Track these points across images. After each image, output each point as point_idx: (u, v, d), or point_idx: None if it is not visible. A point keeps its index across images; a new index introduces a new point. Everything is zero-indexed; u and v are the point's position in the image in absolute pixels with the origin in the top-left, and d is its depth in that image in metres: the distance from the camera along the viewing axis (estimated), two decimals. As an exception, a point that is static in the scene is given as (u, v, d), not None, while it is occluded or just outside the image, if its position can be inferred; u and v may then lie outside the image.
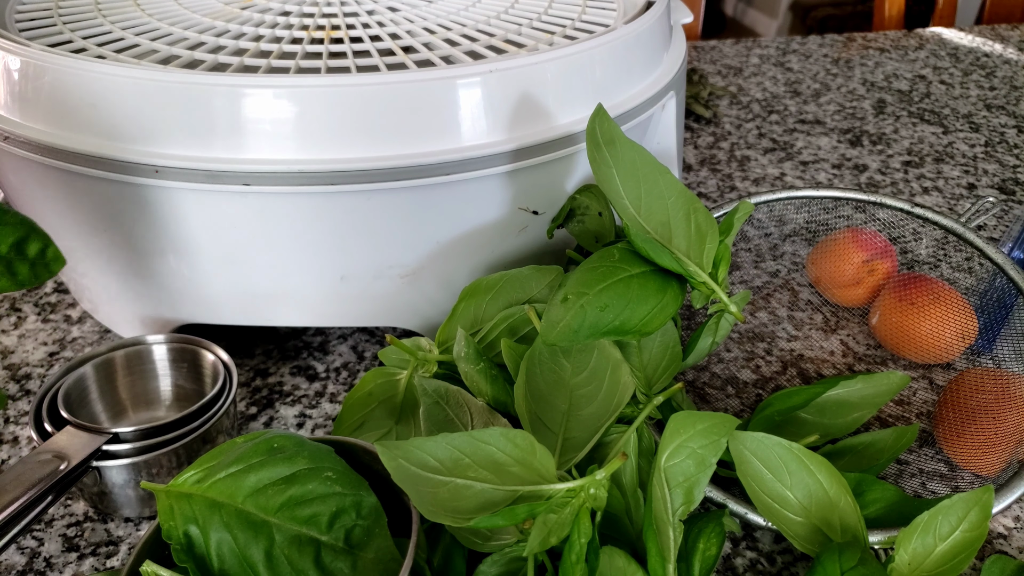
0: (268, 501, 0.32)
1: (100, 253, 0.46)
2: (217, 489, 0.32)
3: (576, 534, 0.32)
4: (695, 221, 0.39)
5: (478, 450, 0.32)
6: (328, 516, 0.32)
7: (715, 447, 0.34)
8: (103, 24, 0.49)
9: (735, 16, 3.46)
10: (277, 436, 0.34)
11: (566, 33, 0.50)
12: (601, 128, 0.39)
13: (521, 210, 0.46)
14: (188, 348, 0.46)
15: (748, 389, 0.50)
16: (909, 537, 0.35)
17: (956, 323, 0.49)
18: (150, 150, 0.40)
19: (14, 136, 0.41)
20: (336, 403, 0.49)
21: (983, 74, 0.99)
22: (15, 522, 0.35)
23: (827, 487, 0.36)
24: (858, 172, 0.76)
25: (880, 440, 0.43)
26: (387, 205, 0.42)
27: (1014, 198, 0.72)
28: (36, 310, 0.57)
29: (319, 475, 0.33)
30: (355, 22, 0.51)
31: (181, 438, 0.40)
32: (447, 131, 0.41)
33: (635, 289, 0.38)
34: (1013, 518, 0.43)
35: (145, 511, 0.41)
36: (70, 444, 0.38)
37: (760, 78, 0.97)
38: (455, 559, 0.36)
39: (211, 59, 0.44)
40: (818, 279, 0.57)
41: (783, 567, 0.40)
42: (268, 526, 0.31)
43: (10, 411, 0.49)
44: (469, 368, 0.40)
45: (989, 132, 0.84)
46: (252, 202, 0.41)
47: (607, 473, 0.33)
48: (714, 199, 0.72)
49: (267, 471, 0.32)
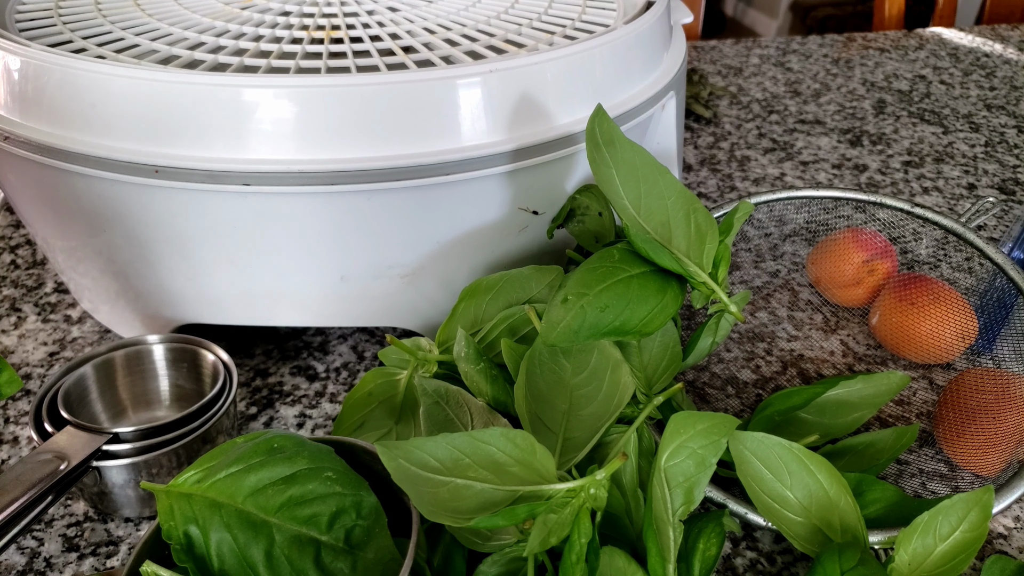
0: (268, 501, 0.32)
1: (100, 253, 0.46)
2: (217, 489, 0.32)
3: (576, 534, 0.32)
4: (695, 221, 0.39)
5: (478, 450, 0.32)
6: (328, 516, 0.32)
7: (715, 447, 0.34)
8: (103, 24, 0.49)
9: (735, 16, 3.46)
10: (277, 436, 0.34)
11: (566, 33, 0.50)
12: (600, 128, 0.39)
13: (521, 210, 0.46)
14: (188, 348, 0.46)
15: (748, 389, 0.50)
16: (909, 537, 0.35)
17: (956, 323, 0.49)
18: (150, 150, 0.40)
19: (14, 136, 0.41)
20: (336, 403, 0.49)
21: (983, 74, 0.99)
22: (15, 522, 0.35)
23: (827, 487, 0.36)
24: (858, 172, 0.76)
25: (880, 440, 0.43)
26: (387, 205, 0.42)
27: (1014, 198, 0.72)
28: (36, 310, 0.57)
29: (319, 475, 0.33)
30: (355, 22, 0.51)
31: (181, 438, 0.40)
32: (447, 131, 0.41)
33: (635, 289, 0.38)
34: (1013, 518, 0.43)
35: (145, 511, 0.41)
36: (70, 444, 0.38)
37: (760, 78, 0.97)
38: (455, 559, 0.36)
39: (211, 59, 0.44)
40: (818, 279, 0.57)
41: (783, 567, 0.40)
42: (268, 526, 0.31)
43: (10, 411, 0.49)
44: (469, 368, 0.40)
45: (989, 132, 0.84)
46: (252, 202, 0.41)
47: (607, 473, 0.33)
48: (714, 199, 0.72)
49: (267, 471, 0.32)
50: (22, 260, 0.62)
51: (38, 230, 0.48)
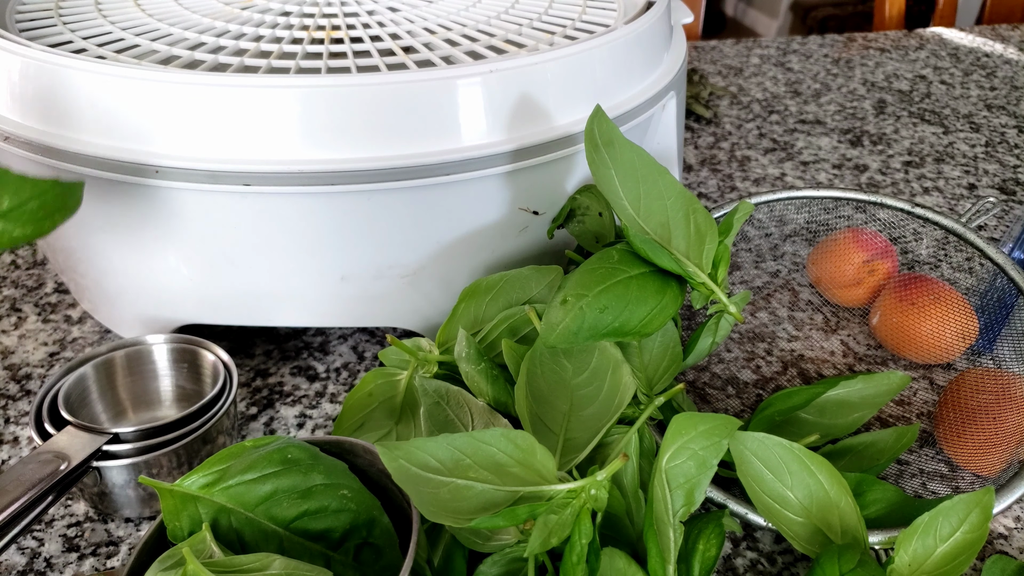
0: (282, 512, 0.32)
1: (100, 253, 0.46)
2: (228, 495, 0.32)
3: (577, 535, 0.32)
4: (694, 222, 0.39)
5: (479, 451, 0.32)
6: (340, 533, 0.32)
7: (717, 449, 0.34)
8: (103, 24, 0.49)
9: (735, 16, 3.46)
10: (291, 446, 0.34)
11: (566, 33, 0.50)
12: (600, 129, 0.39)
13: (521, 210, 0.46)
14: (188, 348, 0.46)
15: (748, 389, 0.50)
16: (909, 538, 0.35)
17: (956, 323, 0.49)
18: (150, 150, 0.40)
19: (14, 136, 0.41)
20: (336, 403, 0.49)
21: (983, 74, 0.98)
22: (15, 522, 0.35)
23: (827, 487, 0.36)
24: (858, 172, 0.76)
25: (880, 440, 0.43)
26: (387, 205, 0.42)
27: (1014, 198, 0.72)
28: (36, 310, 0.57)
29: (335, 492, 0.33)
30: (355, 22, 0.51)
31: (181, 438, 0.40)
32: (447, 131, 0.41)
33: (634, 290, 0.38)
34: (1013, 518, 0.43)
35: (145, 511, 0.41)
36: (70, 444, 0.38)
37: (760, 78, 0.97)
38: (455, 559, 0.36)
39: (211, 59, 0.44)
40: (818, 279, 0.57)
41: (783, 567, 0.40)
42: (277, 536, 0.32)
43: (10, 411, 0.49)
44: (470, 368, 0.40)
45: (989, 132, 0.84)
46: (252, 202, 0.41)
47: (608, 474, 0.33)
48: (714, 199, 0.72)
49: (281, 482, 0.32)
50: (22, 260, 0.62)
51: (38, 230, 0.48)
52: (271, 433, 0.48)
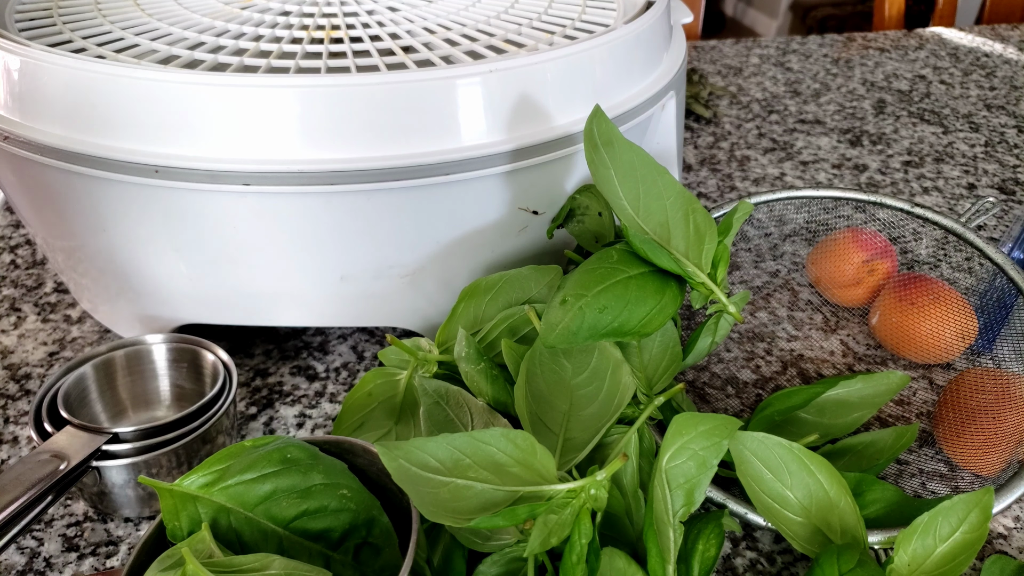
0: (281, 512, 0.32)
1: (100, 253, 0.46)
2: (227, 494, 0.32)
3: (577, 535, 0.32)
4: (694, 221, 0.39)
5: (479, 450, 0.32)
6: (340, 532, 0.32)
7: (717, 449, 0.34)
8: (103, 24, 0.49)
9: (735, 16, 3.46)
10: (290, 445, 0.34)
11: (566, 33, 0.50)
12: (599, 129, 0.39)
13: (521, 210, 0.46)
14: (188, 348, 0.46)
15: (748, 389, 0.50)
16: (909, 538, 0.35)
17: (956, 323, 0.49)
18: (150, 150, 0.40)
19: (14, 136, 0.41)
20: (336, 403, 0.49)
21: (983, 74, 0.98)
22: (15, 522, 0.35)
23: (827, 487, 0.36)
24: (858, 172, 0.76)
25: (880, 440, 0.43)
26: (387, 205, 0.42)
27: (1014, 198, 0.72)
28: (36, 310, 0.57)
29: (335, 492, 0.33)
30: (355, 22, 0.50)
31: (181, 438, 0.40)
32: (447, 131, 0.41)
33: (634, 290, 0.38)
34: (1013, 518, 0.43)
35: (145, 511, 0.41)
36: (70, 444, 0.38)
37: (760, 78, 0.97)
38: (455, 559, 0.36)
39: (211, 59, 0.44)
40: (818, 279, 0.57)
41: (783, 567, 0.40)
42: (277, 536, 0.32)
43: (10, 411, 0.49)
44: (470, 368, 0.40)
45: (989, 132, 0.84)
46: (252, 202, 0.41)
47: (608, 474, 0.33)
48: (714, 199, 0.72)
49: (281, 481, 0.32)
50: (22, 260, 0.62)
51: (38, 230, 0.48)
52: (271, 433, 0.48)
